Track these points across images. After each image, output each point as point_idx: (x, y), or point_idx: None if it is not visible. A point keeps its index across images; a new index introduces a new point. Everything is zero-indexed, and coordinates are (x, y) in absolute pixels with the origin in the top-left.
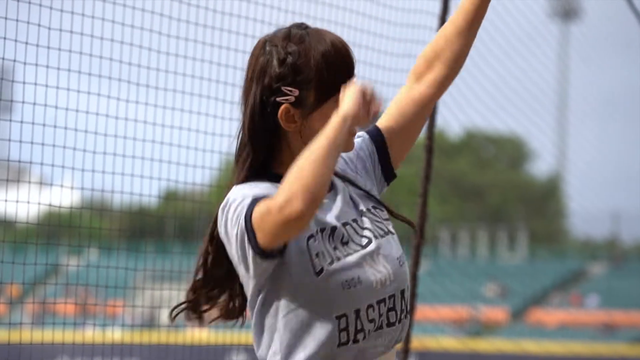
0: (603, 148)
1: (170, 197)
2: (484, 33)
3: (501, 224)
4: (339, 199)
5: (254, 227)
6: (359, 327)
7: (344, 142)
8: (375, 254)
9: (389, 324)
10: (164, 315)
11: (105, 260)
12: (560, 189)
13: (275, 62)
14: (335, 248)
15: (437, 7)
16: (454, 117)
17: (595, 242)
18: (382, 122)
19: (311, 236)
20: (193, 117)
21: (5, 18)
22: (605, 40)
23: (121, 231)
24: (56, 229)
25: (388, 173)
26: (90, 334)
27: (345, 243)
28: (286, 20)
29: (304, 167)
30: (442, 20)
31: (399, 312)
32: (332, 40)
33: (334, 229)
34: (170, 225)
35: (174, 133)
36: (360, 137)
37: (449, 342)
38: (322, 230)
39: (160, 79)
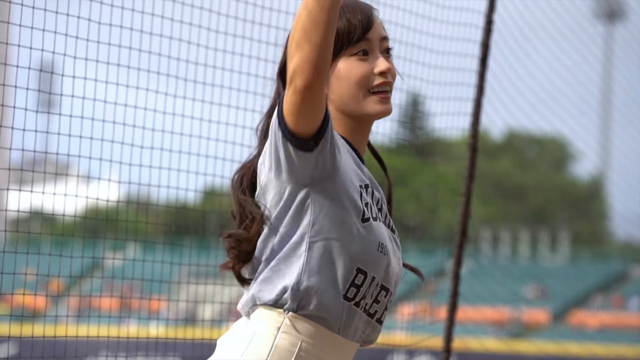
0: None
1: (212, 192)
2: (531, 33)
3: (543, 225)
4: (366, 170)
5: (285, 118)
6: (366, 294)
7: None
8: (394, 247)
9: (379, 320)
10: (205, 311)
11: (147, 255)
12: (603, 191)
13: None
14: (379, 209)
15: (483, 6)
16: (499, 116)
17: (639, 245)
18: None
19: (364, 186)
20: (239, 113)
21: (56, 12)
22: None
23: (163, 226)
24: (98, 224)
25: None
26: (132, 329)
27: (379, 209)
28: None
29: (304, 28)
30: (489, 18)
31: (384, 314)
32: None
33: (374, 193)
34: (211, 221)
35: (219, 128)
36: None
37: (491, 343)
38: (367, 187)
39: (206, 74)
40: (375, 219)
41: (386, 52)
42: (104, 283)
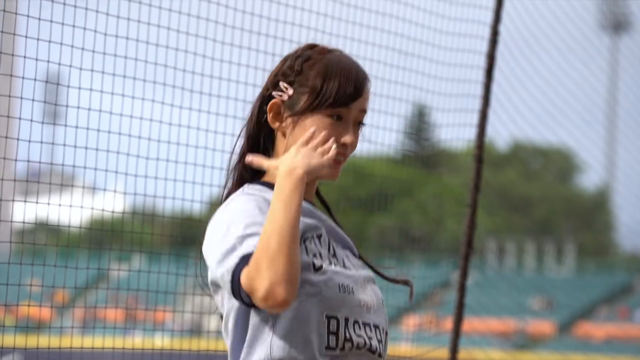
0: None
1: (217, 203)
2: (537, 44)
3: (549, 237)
4: (314, 211)
5: (242, 288)
6: (347, 336)
7: (300, 200)
8: (364, 281)
9: (373, 352)
10: (211, 322)
11: (152, 266)
12: (609, 202)
13: (288, 62)
14: (333, 255)
15: (489, 17)
16: (504, 127)
17: None
18: None
19: (307, 238)
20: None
21: (62, 24)
22: None
23: (169, 237)
24: (104, 235)
25: None
26: (138, 340)
27: (333, 255)
28: (328, 24)
29: (274, 250)
30: (494, 29)
31: (384, 349)
32: (349, 62)
33: (323, 237)
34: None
35: (225, 139)
36: None
37: (496, 354)
38: (319, 236)
39: (212, 85)
40: (330, 264)
41: (358, 124)
42: (109, 294)
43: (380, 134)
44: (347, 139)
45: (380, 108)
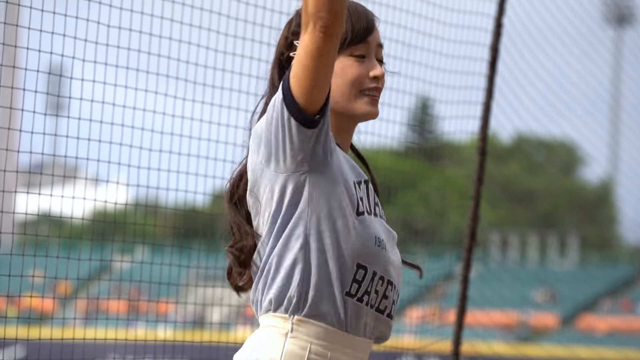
0: None
1: (220, 195)
2: (540, 37)
3: (552, 229)
4: (357, 166)
5: (291, 89)
6: (368, 289)
7: None
8: (393, 240)
9: (389, 315)
10: (214, 314)
11: (155, 257)
12: (612, 195)
13: (294, 20)
14: (375, 204)
15: (492, 9)
16: (508, 120)
17: None
18: None
19: (358, 182)
20: (249, 116)
21: (65, 15)
22: None
23: (172, 229)
24: (107, 227)
25: None
26: (141, 332)
27: (376, 205)
28: None
29: None
30: (498, 21)
31: (393, 309)
32: (352, 2)
33: (369, 186)
34: (220, 224)
35: (228, 131)
36: None
37: (499, 347)
38: (366, 181)
39: (215, 76)
40: (370, 214)
41: (380, 61)
42: (112, 286)
43: (384, 126)
44: (376, 71)
45: (383, 100)
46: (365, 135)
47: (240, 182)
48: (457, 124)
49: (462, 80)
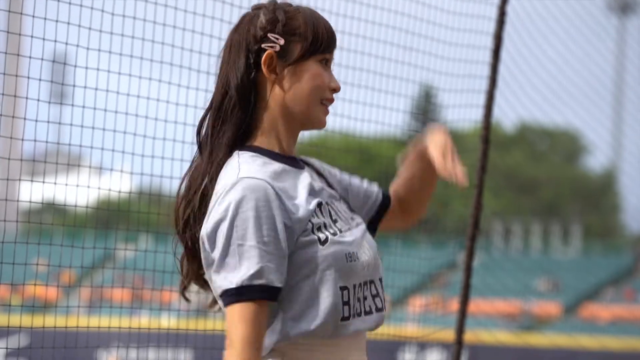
0: None
1: None
2: (544, 25)
3: (555, 218)
4: (306, 176)
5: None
6: (356, 304)
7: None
8: (362, 237)
9: (377, 309)
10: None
11: (159, 246)
12: (616, 183)
13: (262, 16)
14: (334, 221)
15: (493, 12)
16: (511, 108)
17: None
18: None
19: (316, 211)
20: None
21: (69, 3)
22: None
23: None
24: (110, 215)
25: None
26: (144, 321)
27: (334, 221)
28: (335, 3)
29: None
30: (502, 9)
31: (382, 299)
32: (316, 12)
33: (323, 205)
34: None
35: None
36: (375, 191)
37: (502, 335)
38: (319, 204)
39: (218, 65)
40: (334, 234)
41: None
42: (115, 274)
43: (386, 114)
44: (336, 84)
45: (387, 89)
46: (369, 123)
47: (193, 202)
48: (461, 113)
49: (465, 69)
